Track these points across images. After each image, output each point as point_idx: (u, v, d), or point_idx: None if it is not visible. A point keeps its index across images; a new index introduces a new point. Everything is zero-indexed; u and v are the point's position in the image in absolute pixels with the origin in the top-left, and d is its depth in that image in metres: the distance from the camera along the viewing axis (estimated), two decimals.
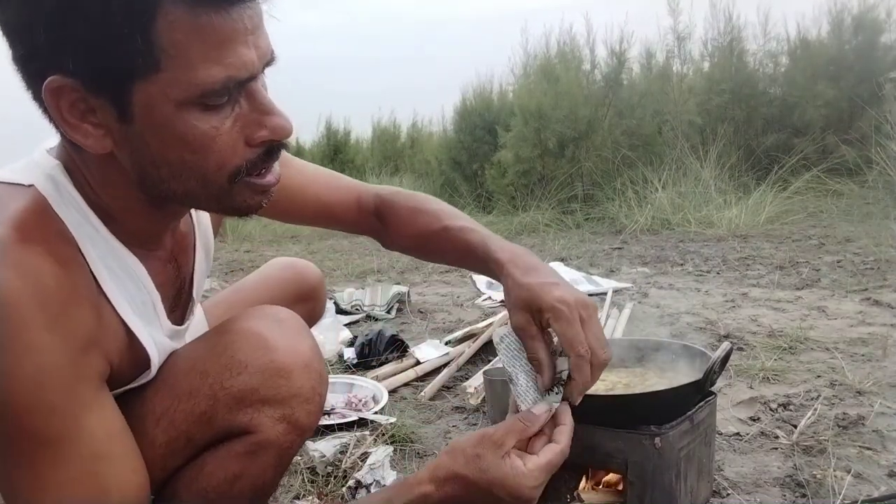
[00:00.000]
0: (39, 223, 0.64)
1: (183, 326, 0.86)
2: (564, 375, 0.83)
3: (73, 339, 0.62)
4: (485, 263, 0.94)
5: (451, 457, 0.75)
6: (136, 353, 0.74)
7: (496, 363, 2.01)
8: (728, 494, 1.24)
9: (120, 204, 0.71)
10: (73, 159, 0.70)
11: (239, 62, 0.61)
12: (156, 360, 0.77)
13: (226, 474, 0.76)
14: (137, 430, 0.71)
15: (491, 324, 2.34)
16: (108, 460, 0.65)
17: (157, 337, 0.77)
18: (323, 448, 1.47)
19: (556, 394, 0.84)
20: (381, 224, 1.06)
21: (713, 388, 1.13)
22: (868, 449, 1.38)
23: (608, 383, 1.24)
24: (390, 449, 1.45)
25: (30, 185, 0.67)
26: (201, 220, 0.89)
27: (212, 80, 0.60)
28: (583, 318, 0.78)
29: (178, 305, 0.85)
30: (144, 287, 0.75)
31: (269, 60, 0.67)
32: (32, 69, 0.60)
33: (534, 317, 0.81)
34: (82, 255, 0.67)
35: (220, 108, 0.62)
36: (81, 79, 0.59)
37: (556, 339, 0.82)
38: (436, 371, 2.06)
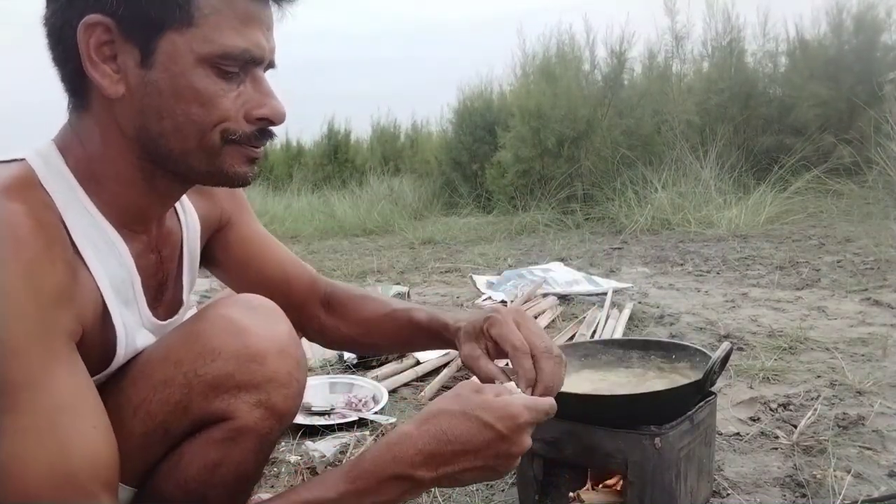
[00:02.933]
0: (23, 188, 0.66)
1: (165, 322, 0.85)
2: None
3: (46, 290, 0.62)
4: (436, 332, 0.96)
5: (431, 403, 0.76)
6: (106, 334, 0.73)
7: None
8: (728, 494, 1.24)
9: (112, 174, 0.72)
10: (70, 136, 0.72)
11: (256, 42, 0.69)
12: (122, 342, 0.75)
13: (205, 462, 0.75)
14: (115, 422, 0.68)
15: None
16: (71, 414, 0.62)
17: (129, 321, 0.76)
18: (323, 448, 1.47)
19: None
20: (326, 313, 1.07)
21: (713, 388, 1.14)
22: (868, 449, 1.39)
23: (608, 383, 1.24)
24: None
25: (21, 159, 0.70)
26: (190, 227, 0.90)
27: (233, 45, 0.67)
28: (517, 321, 0.84)
29: (160, 300, 0.84)
30: (125, 265, 0.75)
31: (272, 61, 0.74)
32: (77, 6, 0.65)
33: (478, 342, 0.88)
34: (64, 224, 0.68)
35: (231, 77, 0.69)
36: (119, 20, 0.65)
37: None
38: (436, 371, 2.06)
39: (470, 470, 0.72)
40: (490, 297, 3.14)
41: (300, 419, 1.61)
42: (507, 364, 0.87)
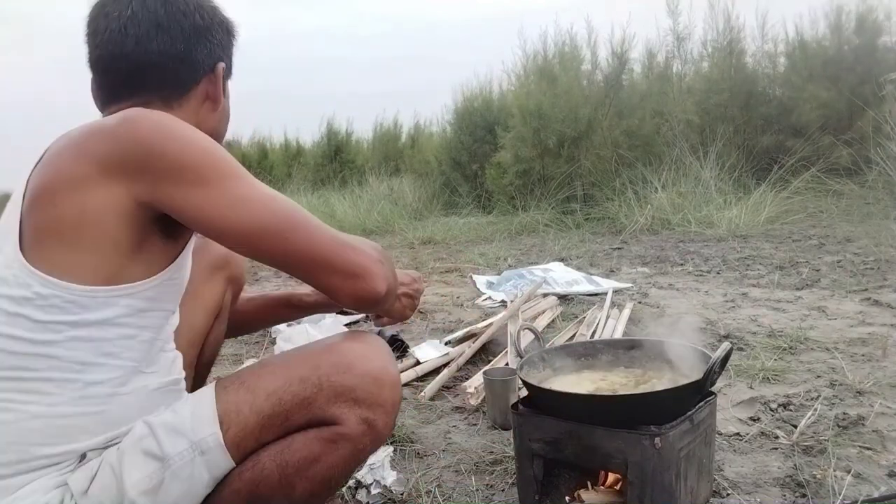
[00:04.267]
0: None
1: None
2: None
3: None
4: (286, 298, 1.33)
5: None
6: None
7: (496, 363, 2.02)
8: (728, 494, 1.24)
9: None
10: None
11: None
12: None
13: (308, 454, 0.86)
14: (249, 400, 0.85)
15: (491, 324, 2.35)
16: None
17: None
18: None
19: None
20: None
21: (713, 388, 1.14)
22: (868, 449, 1.38)
23: (608, 383, 1.24)
24: (390, 449, 1.45)
25: None
26: None
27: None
28: None
29: None
30: None
31: None
32: (215, 57, 1.01)
33: None
34: None
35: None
36: (227, 69, 1.04)
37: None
38: (436, 371, 2.06)
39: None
40: (490, 297, 3.14)
41: None
42: None
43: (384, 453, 1.39)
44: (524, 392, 1.22)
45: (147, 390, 0.88)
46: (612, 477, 1.16)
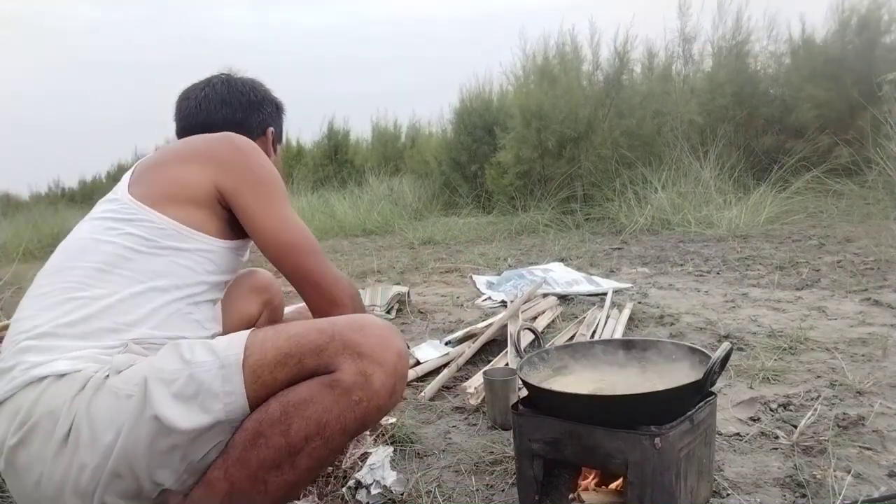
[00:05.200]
0: None
1: None
2: None
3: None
4: None
5: None
6: None
7: (496, 363, 2.02)
8: (728, 494, 1.24)
9: None
10: None
11: None
12: None
13: (307, 395, 0.95)
14: (273, 338, 0.98)
15: (491, 324, 2.34)
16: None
17: None
18: None
19: None
20: None
21: (713, 388, 1.13)
22: (868, 449, 1.38)
23: (608, 383, 1.24)
24: (390, 449, 1.45)
25: None
26: None
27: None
28: None
29: None
30: None
31: None
32: (267, 123, 1.38)
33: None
34: None
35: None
36: (276, 134, 1.40)
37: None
38: (436, 371, 2.06)
39: None
40: (490, 297, 3.14)
41: None
42: None
43: (384, 453, 1.39)
44: (524, 392, 1.22)
45: (193, 319, 1.09)
46: (612, 477, 1.16)
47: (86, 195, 14.80)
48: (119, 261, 1.04)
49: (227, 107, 1.31)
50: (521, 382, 1.33)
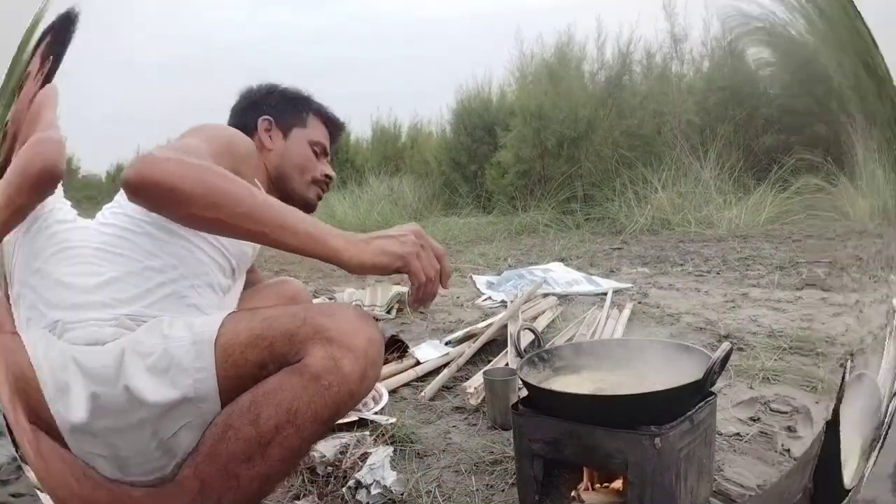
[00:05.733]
0: None
1: None
2: None
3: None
4: None
5: None
6: None
7: (496, 363, 2.01)
8: (728, 494, 1.24)
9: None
10: None
11: (324, 144, 1.53)
12: None
13: (276, 385, 0.94)
14: (247, 318, 0.99)
15: (491, 324, 2.34)
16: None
17: None
18: (323, 448, 1.46)
19: None
20: None
21: (713, 388, 1.13)
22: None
23: (608, 383, 1.24)
24: (390, 449, 1.45)
25: None
26: None
27: (318, 139, 1.49)
28: None
29: None
30: None
31: (328, 152, 1.54)
32: (258, 113, 1.40)
33: None
34: None
35: (316, 155, 1.48)
36: (275, 120, 1.41)
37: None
38: (436, 371, 2.06)
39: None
40: (490, 297, 3.14)
41: None
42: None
43: (384, 453, 1.39)
44: (524, 392, 1.22)
45: (190, 303, 1.08)
46: (612, 477, 1.16)
47: (86, 195, 14.77)
48: (117, 241, 1.06)
49: (230, 118, 1.43)
50: (521, 382, 1.33)
